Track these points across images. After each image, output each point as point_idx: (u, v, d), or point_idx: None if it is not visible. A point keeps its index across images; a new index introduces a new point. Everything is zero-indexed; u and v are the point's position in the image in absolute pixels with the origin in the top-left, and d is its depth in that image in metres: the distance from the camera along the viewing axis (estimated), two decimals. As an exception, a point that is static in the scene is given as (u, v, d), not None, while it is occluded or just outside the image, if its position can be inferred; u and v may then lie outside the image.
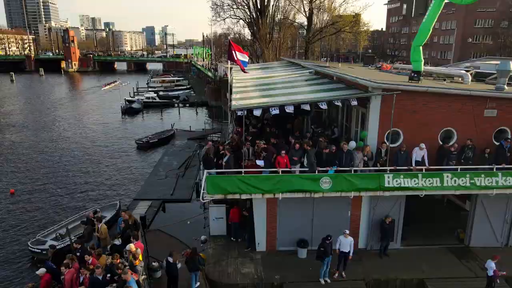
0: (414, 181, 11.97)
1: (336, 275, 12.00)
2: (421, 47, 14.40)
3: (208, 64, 73.14)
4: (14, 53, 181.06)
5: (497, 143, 12.65)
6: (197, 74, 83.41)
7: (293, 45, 52.05)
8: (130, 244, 9.93)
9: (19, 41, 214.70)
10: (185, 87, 67.65)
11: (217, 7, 41.37)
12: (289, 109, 11.95)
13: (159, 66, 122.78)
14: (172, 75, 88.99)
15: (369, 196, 12.56)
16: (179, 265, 10.48)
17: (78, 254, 10.34)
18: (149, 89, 66.57)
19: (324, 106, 12.10)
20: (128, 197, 20.63)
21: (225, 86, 41.91)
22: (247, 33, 46.76)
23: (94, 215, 13.06)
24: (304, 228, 13.01)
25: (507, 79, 13.48)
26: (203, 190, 11.94)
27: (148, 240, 13.04)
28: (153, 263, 12.11)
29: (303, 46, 44.77)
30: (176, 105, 51.74)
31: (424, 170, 12.05)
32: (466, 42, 68.38)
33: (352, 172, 11.95)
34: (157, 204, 18.89)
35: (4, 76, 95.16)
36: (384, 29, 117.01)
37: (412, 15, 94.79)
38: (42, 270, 9.93)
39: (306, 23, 38.80)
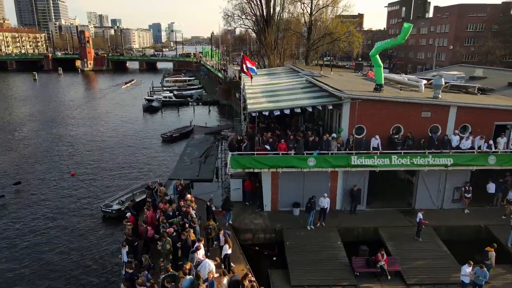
0: (372, 160, 17.60)
1: (318, 224, 17.70)
2: (377, 56, 19.76)
3: (217, 64, 78.68)
4: (27, 51, 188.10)
5: (430, 135, 18.24)
6: (207, 74, 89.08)
7: (296, 51, 57.55)
8: (188, 195, 15.78)
9: (32, 40, 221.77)
10: (197, 86, 73.48)
11: (228, 17, 47.15)
12: (287, 111, 17.68)
13: (169, 65, 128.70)
14: (183, 74, 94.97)
15: (342, 171, 18.21)
16: (213, 208, 16.24)
17: (150, 204, 16.17)
18: (164, 88, 72.39)
19: (310, 109, 17.83)
20: (162, 178, 26.41)
21: (235, 87, 47.82)
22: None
23: (152, 184, 18.92)
24: (297, 194, 18.69)
25: (440, 90, 18.98)
26: (229, 165, 17.66)
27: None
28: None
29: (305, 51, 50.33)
30: (190, 103, 57.59)
31: (378, 153, 17.70)
32: (459, 45, 73.12)
33: (329, 154, 17.63)
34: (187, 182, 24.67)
35: (27, 75, 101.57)
36: (384, 29, 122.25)
37: (411, 18, 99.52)
38: (128, 214, 15.80)
39: (306, 33, 44.39)
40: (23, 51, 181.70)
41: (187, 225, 13.76)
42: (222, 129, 38.13)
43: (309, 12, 42.27)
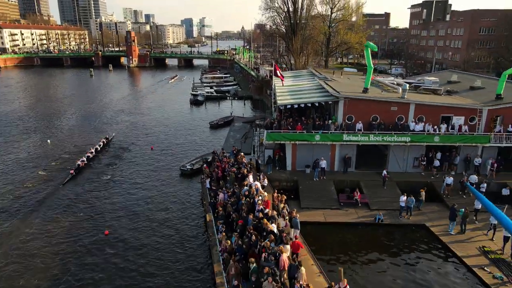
0: (357, 137, 27.38)
1: (321, 177, 27.73)
2: (371, 75, 29.39)
3: (250, 64, 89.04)
4: (74, 48, 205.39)
5: (396, 122, 27.80)
6: (241, 72, 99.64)
7: (320, 55, 67.14)
8: (241, 153, 26.35)
9: (78, 37, 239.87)
10: (232, 83, 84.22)
11: (261, 30, 57.35)
12: (302, 105, 27.81)
13: (205, 62, 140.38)
14: (218, 71, 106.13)
15: (338, 144, 28.07)
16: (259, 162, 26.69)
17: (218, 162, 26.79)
18: (204, 84, 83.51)
19: (316, 104, 27.90)
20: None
21: (266, 85, 58.04)
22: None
23: (216, 150, 29.62)
24: (308, 159, 28.69)
25: (406, 92, 28.40)
26: (265, 139, 27.93)
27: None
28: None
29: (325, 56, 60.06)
30: (228, 98, 68.32)
31: (361, 133, 27.44)
32: (471, 47, 79.81)
33: (329, 133, 27.55)
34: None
35: (83, 71, 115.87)
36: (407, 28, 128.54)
37: (432, 19, 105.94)
38: (205, 165, 26.48)
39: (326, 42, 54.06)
40: (69, 48, 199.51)
41: (242, 168, 24.25)
42: (256, 119, 48.45)
43: (327, 25, 51.86)
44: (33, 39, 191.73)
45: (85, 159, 33.12)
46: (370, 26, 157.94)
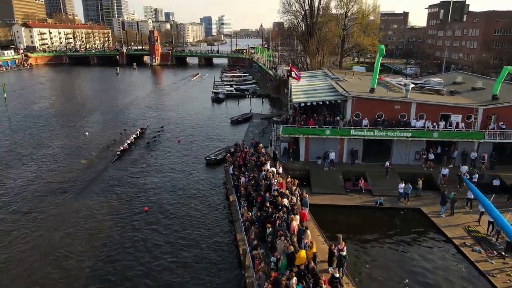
0: (363, 132, 30.69)
1: (330, 168, 31.15)
2: (377, 76, 32.60)
3: (268, 63, 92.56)
4: (97, 46, 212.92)
5: (399, 119, 30.94)
6: (259, 71, 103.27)
7: (334, 55, 70.19)
8: (260, 145, 30.09)
9: (101, 36, 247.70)
10: (251, 82, 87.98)
11: (279, 30, 60.79)
12: (315, 103, 31.28)
13: (224, 61, 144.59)
14: (237, 70, 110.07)
15: (346, 138, 31.42)
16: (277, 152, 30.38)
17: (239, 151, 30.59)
18: (224, 82, 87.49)
19: (327, 102, 31.36)
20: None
21: (283, 84, 61.51)
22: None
23: (238, 142, 33.45)
24: (320, 151, 32.11)
25: (409, 92, 31.48)
26: (281, 133, 31.56)
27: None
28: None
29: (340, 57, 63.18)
30: (247, 96, 72.09)
31: (367, 128, 30.71)
32: (487, 47, 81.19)
33: (338, 128, 30.92)
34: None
35: (110, 69, 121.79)
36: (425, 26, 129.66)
37: (448, 20, 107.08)
38: (228, 154, 30.33)
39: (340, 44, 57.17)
40: (94, 46, 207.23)
41: (261, 157, 27.96)
42: (273, 115, 52.03)
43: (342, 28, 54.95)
44: (60, 38, 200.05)
45: (126, 145, 38.49)
46: (388, 25, 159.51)
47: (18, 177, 31.92)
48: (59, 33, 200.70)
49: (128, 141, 39.85)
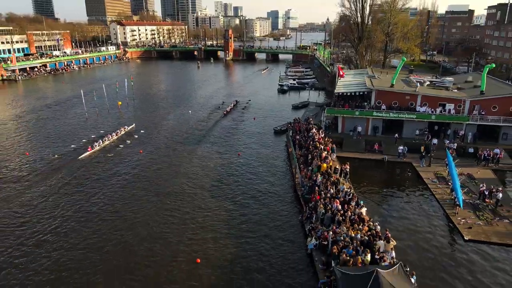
0: (382, 114, 45.24)
1: (358, 137, 46.15)
2: (396, 77, 46.85)
3: (327, 60, 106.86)
4: (176, 42, 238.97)
5: (408, 105, 44.98)
6: (319, 67, 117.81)
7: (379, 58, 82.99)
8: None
9: (179, 32, 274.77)
10: (311, 76, 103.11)
11: (344, 18, 75.39)
12: (349, 93, 46.56)
13: (289, 57, 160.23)
14: (300, 65, 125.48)
15: (370, 118, 46.13)
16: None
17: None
18: (288, 76, 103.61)
19: (359, 93, 46.49)
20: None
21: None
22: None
23: (295, 119, 49.81)
24: (352, 126, 47.17)
25: (417, 87, 45.25)
26: (326, 112, 47.25)
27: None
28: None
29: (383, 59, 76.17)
30: (306, 88, 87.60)
31: (384, 111, 45.20)
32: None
33: (364, 110, 45.78)
34: (307, 124, 55.10)
35: (191, 63, 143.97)
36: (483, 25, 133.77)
37: (505, 22, 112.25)
38: (289, 127, 46.87)
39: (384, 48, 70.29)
40: (174, 42, 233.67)
41: (310, 125, 44.05)
42: (324, 103, 67.23)
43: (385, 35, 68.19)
44: (146, 34, 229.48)
45: (228, 109, 61.47)
46: (452, 22, 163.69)
47: (159, 136, 51.34)
48: (146, 29, 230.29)
49: (228, 108, 63.68)
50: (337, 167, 34.70)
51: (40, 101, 73.90)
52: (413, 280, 18.55)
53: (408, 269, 19.42)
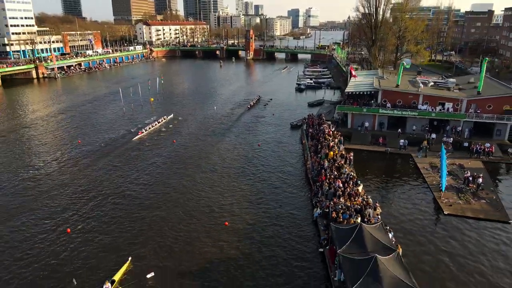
0: (387, 111, 50.67)
1: (365, 132, 51.69)
2: (400, 77, 52.22)
3: (343, 60, 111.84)
4: (199, 41, 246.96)
5: (411, 104, 50.26)
6: (335, 66, 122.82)
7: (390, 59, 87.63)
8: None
9: (201, 31, 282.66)
10: (327, 76, 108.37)
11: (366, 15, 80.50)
12: (357, 92, 52.23)
13: (308, 56, 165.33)
14: (318, 65, 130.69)
15: (377, 114, 51.63)
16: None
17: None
18: (306, 76, 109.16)
19: (367, 93, 52.08)
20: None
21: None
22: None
23: (309, 115, 55.79)
24: (360, 121, 52.75)
25: (420, 87, 50.45)
26: (336, 109, 52.98)
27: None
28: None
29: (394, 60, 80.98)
30: (322, 87, 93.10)
31: (390, 108, 50.61)
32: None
33: (371, 108, 51.29)
34: (320, 120, 60.98)
35: (213, 62, 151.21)
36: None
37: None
38: (304, 122, 52.96)
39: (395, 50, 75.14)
40: (197, 41, 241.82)
41: (321, 120, 49.97)
42: (340, 101, 72.72)
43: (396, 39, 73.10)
44: (170, 34, 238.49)
45: (252, 103, 68.83)
46: (472, 23, 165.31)
47: (189, 128, 58.22)
48: (170, 29, 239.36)
49: (251, 103, 71.98)
50: (343, 153, 40.50)
51: (80, 97, 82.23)
52: (390, 235, 24.42)
53: (388, 227, 25.33)
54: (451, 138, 46.99)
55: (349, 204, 28.46)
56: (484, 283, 23.16)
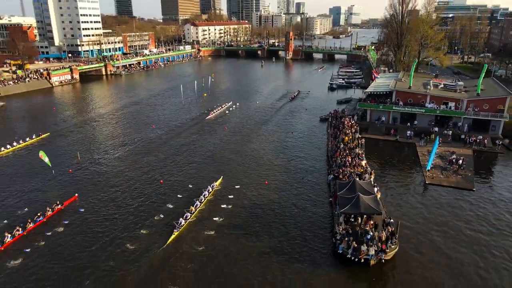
0: (399, 108, 61.50)
1: (381, 125, 62.86)
2: (411, 80, 62.88)
3: (374, 62, 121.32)
4: (241, 40, 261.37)
5: (420, 103, 60.79)
6: (368, 67, 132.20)
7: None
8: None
9: (244, 30, 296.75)
10: (359, 76, 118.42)
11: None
12: (375, 92, 63.48)
13: (344, 57, 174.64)
14: (352, 66, 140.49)
15: (391, 111, 62.57)
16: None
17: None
18: (339, 76, 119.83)
19: (383, 93, 63.30)
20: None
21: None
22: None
23: (335, 110, 67.66)
24: (376, 116, 63.86)
25: (428, 88, 60.85)
26: (357, 106, 64.50)
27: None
28: (346, 119, 65.84)
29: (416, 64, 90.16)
30: (353, 87, 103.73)
31: (402, 106, 61.42)
32: None
33: (386, 105, 62.31)
34: (345, 115, 72.56)
35: (255, 61, 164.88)
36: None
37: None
38: (330, 115, 65.11)
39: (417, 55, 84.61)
40: (240, 41, 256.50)
41: (344, 113, 61.82)
42: (360, 99, 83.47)
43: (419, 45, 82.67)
44: (215, 34, 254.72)
45: (293, 95, 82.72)
46: (511, 25, 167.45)
47: (237, 119, 71.92)
48: (215, 29, 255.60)
49: (293, 95, 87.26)
50: (357, 139, 52.30)
51: (145, 92, 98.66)
52: (376, 189, 36.43)
53: (376, 184, 37.36)
54: (451, 131, 57.20)
55: (352, 171, 40.60)
56: (447, 222, 34.65)
